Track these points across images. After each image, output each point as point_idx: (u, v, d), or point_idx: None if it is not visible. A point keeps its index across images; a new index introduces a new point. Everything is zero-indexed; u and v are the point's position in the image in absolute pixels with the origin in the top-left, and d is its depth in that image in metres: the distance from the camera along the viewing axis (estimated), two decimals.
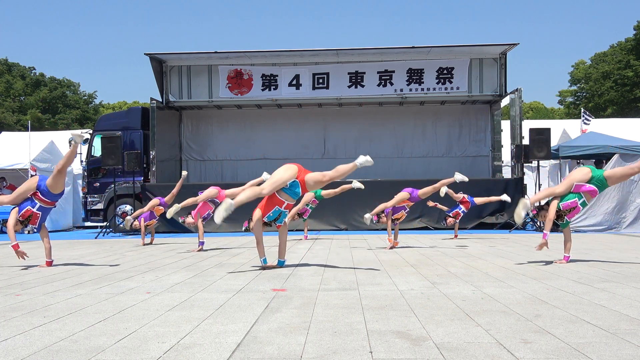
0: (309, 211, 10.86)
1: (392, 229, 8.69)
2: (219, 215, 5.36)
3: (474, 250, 8.14)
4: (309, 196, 10.34)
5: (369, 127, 16.79)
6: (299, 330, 3.23)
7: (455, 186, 9.72)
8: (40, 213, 6.58)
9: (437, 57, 15.32)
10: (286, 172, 5.92)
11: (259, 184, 6.41)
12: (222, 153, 17.00)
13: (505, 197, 10.58)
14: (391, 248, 8.48)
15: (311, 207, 10.84)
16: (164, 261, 7.30)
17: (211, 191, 9.14)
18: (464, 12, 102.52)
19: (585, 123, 16.72)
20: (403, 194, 8.48)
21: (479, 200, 10.68)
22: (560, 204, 6.20)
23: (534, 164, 13.76)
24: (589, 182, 6.17)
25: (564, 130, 16.02)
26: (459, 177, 8.45)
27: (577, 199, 6.18)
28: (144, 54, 15.37)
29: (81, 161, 15.65)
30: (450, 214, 10.43)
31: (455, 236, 10.69)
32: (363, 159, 5.74)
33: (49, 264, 6.68)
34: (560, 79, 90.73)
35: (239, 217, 14.21)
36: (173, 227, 13.77)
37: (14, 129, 35.64)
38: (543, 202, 6.63)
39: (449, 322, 3.38)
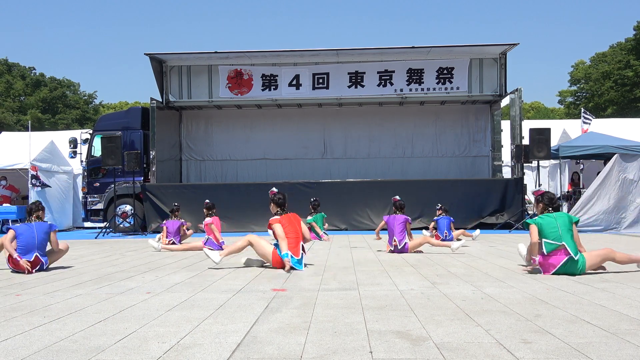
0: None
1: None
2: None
3: (474, 250, 8.14)
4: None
5: (369, 127, 16.78)
6: (299, 330, 3.23)
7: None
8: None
9: (437, 57, 15.31)
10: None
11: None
12: (222, 153, 17.00)
13: (476, 233, 10.55)
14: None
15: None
16: (164, 261, 7.30)
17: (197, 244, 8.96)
18: (464, 12, 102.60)
19: (586, 122, 16.69)
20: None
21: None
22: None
23: (534, 164, 13.75)
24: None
25: (564, 130, 16.01)
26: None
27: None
28: (144, 54, 15.37)
29: (81, 161, 15.64)
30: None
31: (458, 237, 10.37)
32: None
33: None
34: (560, 79, 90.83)
35: (238, 216, 14.16)
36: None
37: (14, 129, 35.65)
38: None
39: (449, 322, 3.38)
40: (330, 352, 2.76)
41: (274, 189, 6.69)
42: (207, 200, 9.27)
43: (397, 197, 8.45)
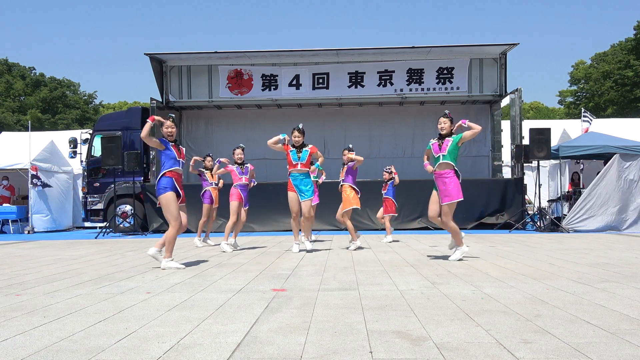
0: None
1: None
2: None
3: (474, 250, 8.14)
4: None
5: (369, 127, 16.78)
6: (299, 330, 3.23)
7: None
8: None
9: (437, 57, 15.31)
10: None
11: None
12: (222, 153, 16.94)
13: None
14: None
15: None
16: None
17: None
18: (464, 12, 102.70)
19: (587, 122, 16.67)
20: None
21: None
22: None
23: (534, 164, 13.75)
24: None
25: (564, 130, 16.00)
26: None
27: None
28: (144, 54, 15.37)
29: (81, 161, 15.65)
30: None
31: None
32: None
33: None
34: (560, 79, 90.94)
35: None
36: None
37: (14, 129, 35.67)
38: None
39: (449, 322, 3.38)
40: (330, 352, 2.76)
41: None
42: (242, 145, 9.64)
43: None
